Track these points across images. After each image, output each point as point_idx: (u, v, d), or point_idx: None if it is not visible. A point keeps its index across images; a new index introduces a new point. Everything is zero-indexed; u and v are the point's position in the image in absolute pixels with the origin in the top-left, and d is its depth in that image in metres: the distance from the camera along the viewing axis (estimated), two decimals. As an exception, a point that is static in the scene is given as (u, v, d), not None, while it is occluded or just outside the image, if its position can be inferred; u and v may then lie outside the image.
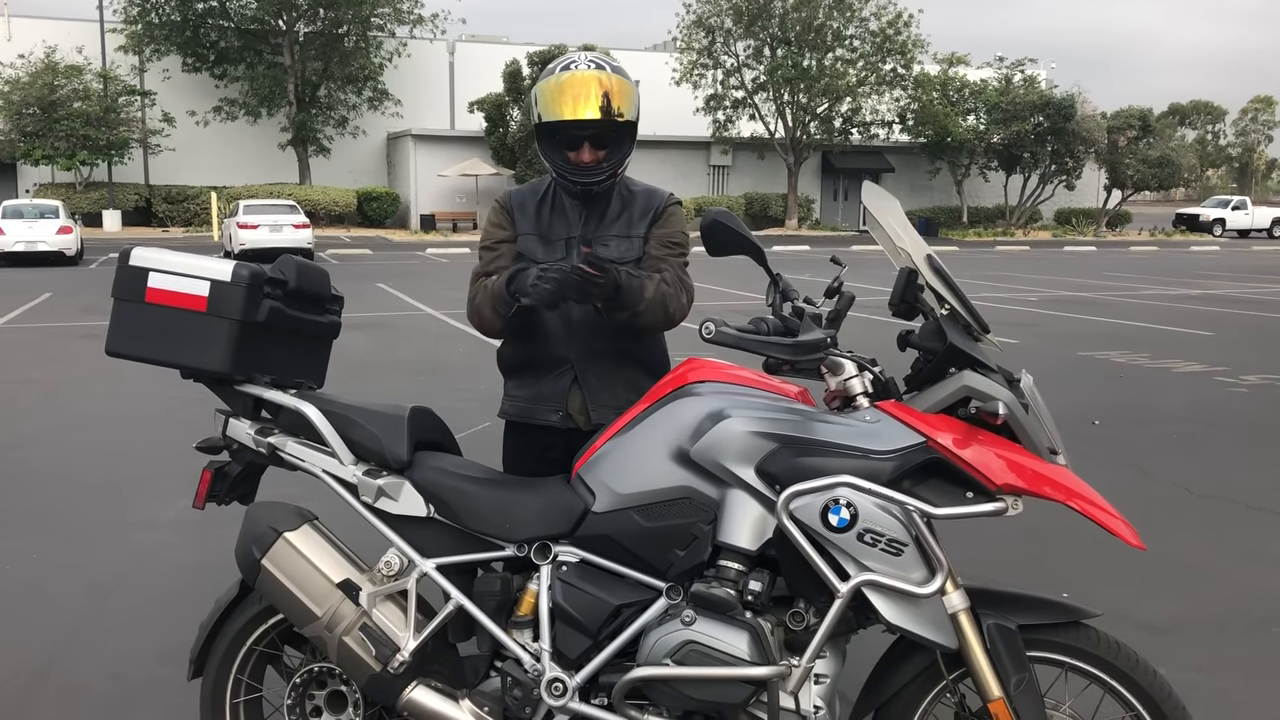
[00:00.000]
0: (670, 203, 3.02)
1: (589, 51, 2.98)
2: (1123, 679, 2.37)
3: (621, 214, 2.97)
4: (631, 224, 2.96)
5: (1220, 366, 10.71)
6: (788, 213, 42.71)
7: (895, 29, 40.71)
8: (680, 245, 2.98)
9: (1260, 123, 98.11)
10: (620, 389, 2.94)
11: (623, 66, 2.94)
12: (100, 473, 6.39)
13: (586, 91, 2.78)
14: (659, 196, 3.02)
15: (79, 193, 36.59)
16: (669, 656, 2.39)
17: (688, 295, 2.92)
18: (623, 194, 3.00)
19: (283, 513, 2.68)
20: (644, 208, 2.98)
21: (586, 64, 2.83)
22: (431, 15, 39.71)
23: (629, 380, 2.95)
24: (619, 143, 2.88)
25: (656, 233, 2.96)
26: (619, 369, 2.96)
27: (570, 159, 2.86)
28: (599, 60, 2.87)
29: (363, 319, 13.60)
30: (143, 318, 2.62)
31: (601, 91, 2.78)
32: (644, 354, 3.01)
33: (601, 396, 2.95)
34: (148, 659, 3.84)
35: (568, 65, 2.85)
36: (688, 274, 2.97)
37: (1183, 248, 38.75)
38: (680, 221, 3.01)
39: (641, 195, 3.01)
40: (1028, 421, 2.35)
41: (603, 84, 2.79)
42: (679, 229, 2.99)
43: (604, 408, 2.93)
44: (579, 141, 2.83)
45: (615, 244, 2.94)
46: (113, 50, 37.48)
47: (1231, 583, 4.75)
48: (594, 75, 2.80)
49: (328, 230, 36.39)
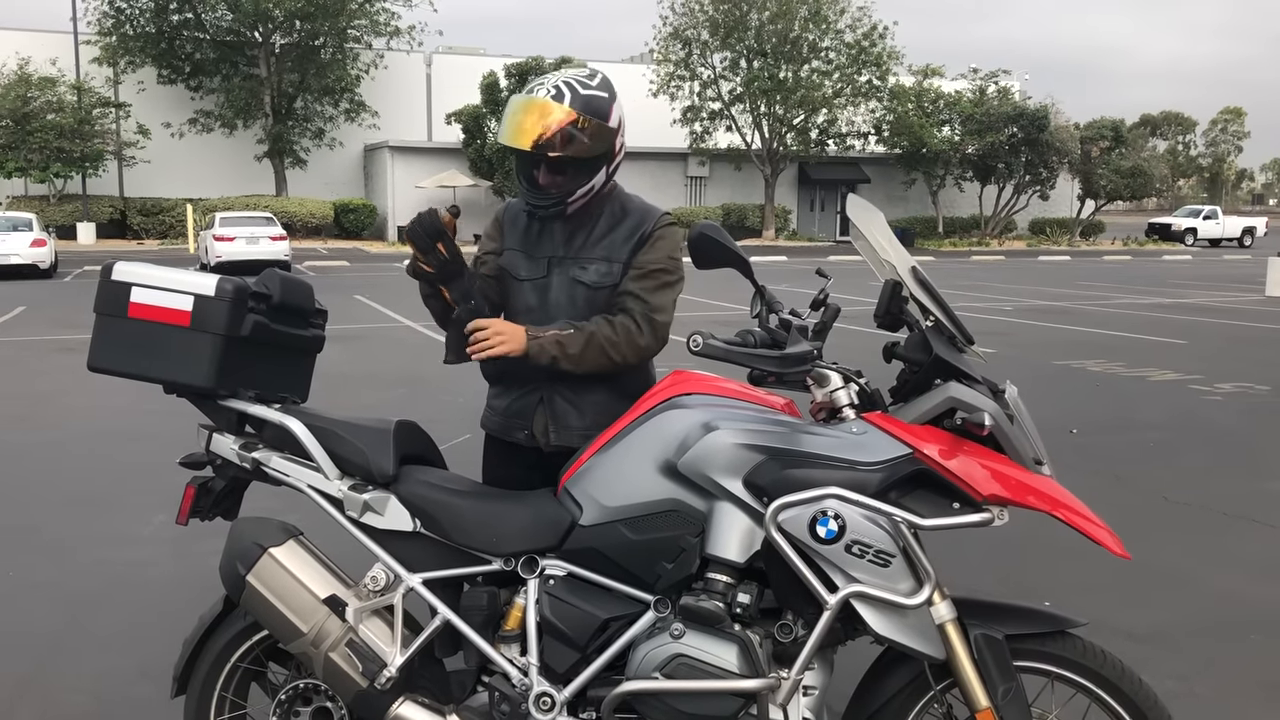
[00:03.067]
0: (659, 225, 2.88)
1: (578, 70, 2.82)
2: (1108, 687, 2.39)
3: (607, 235, 2.87)
4: (614, 247, 2.85)
5: (1195, 375, 10.81)
6: (765, 223, 42.84)
7: (870, 41, 40.97)
8: (661, 273, 2.83)
9: (1230, 133, 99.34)
10: (590, 412, 2.87)
11: (601, 93, 2.76)
12: (80, 488, 6.33)
13: (527, 121, 2.69)
14: (650, 219, 2.88)
15: (53, 205, 36.28)
16: (658, 670, 2.39)
17: (652, 334, 2.79)
18: (615, 212, 2.90)
19: (267, 528, 2.66)
20: (631, 230, 2.86)
21: (549, 90, 2.71)
22: (409, 27, 39.62)
23: (600, 404, 2.87)
24: (577, 172, 2.76)
25: (639, 258, 2.83)
26: (588, 392, 2.87)
27: (527, 180, 2.81)
28: (568, 86, 2.73)
29: (342, 331, 13.54)
30: (125, 332, 2.60)
31: (541, 124, 2.68)
32: (619, 378, 2.88)
33: (566, 419, 2.89)
34: (130, 676, 3.80)
35: (531, 89, 2.75)
36: (663, 308, 2.81)
37: (1155, 257, 39.11)
38: (668, 246, 2.87)
39: (634, 216, 2.89)
40: (1013, 432, 2.36)
41: (546, 116, 2.67)
42: (664, 254, 2.85)
43: (568, 430, 2.88)
44: (534, 164, 2.78)
45: (595, 267, 2.86)
46: (87, 62, 37.23)
47: (1210, 590, 4.79)
48: (542, 105, 2.69)
49: (305, 242, 36.22)
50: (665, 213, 2.93)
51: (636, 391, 2.88)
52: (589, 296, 2.85)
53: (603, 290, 2.84)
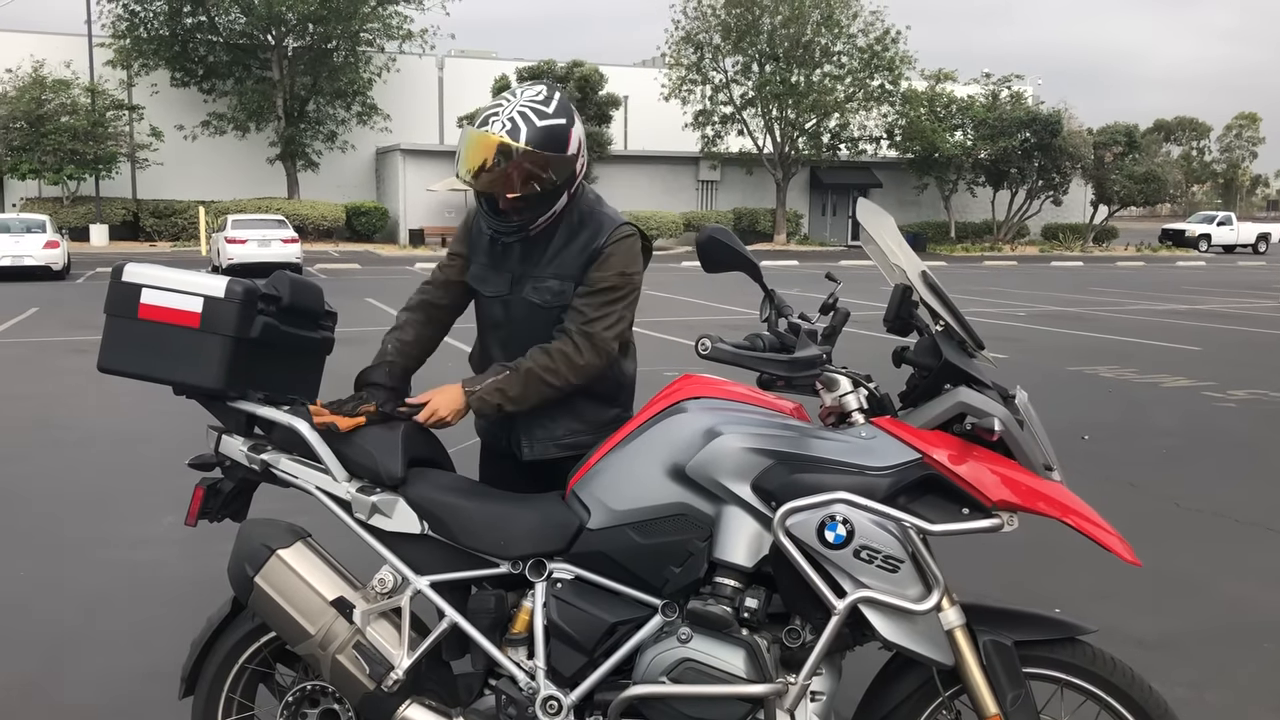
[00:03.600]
0: (611, 241, 2.77)
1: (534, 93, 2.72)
2: (1118, 695, 2.37)
3: (561, 251, 2.81)
4: (566, 264, 2.80)
5: (1208, 381, 10.75)
6: (776, 228, 42.83)
7: (883, 45, 40.95)
8: (608, 290, 2.76)
9: (1244, 139, 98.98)
10: (567, 420, 2.87)
11: (558, 120, 2.68)
12: (90, 489, 6.35)
13: (476, 156, 2.65)
14: (604, 233, 2.79)
15: (66, 207, 36.45)
16: (665, 674, 2.38)
17: (593, 350, 2.74)
18: (572, 224, 2.82)
19: (276, 530, 2.67)
20: (584, 245, 2.79)
21: (504, 123, 2.64)
22: (421, 31, 39.71)
23: (574, 411, 2.86)
24: (539, 201, 2.71)
25: (589, 275, 2.77)
26: (559, 402, 2.83)
27: (488, 203, 2.77)
28: (523, 117, 2.65)
29: (353, 334, 13.54)
30: (135, 334, 2.61)
31: (482, 160, 2.64)
32: (591, 383, 2.83)
33: (536, 431, 2.89)
34: (138, 677, 3.81)
35: (486, 119, 2.67)
36: (607, 325, 2.75)
37: (1169, 263, 38.96)
38: (620, 261, 2.77)
39: (589, 229, 2.80)
40: (1023, 438, 2.35)
41: (504, 154, 2.63)
42: (615, 270, 2.76)
43: (540, 442, 2.89)
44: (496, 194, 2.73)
45: (549, 286, 2.81)
46: (101, 64, 37.38)
47: (1222, 597, 4.76)
48: (498, 143, 2.62)
49: (316, 245, 36.31)
50: (622, 223, 2.83)
51: (605, 394, 2.90)
52: (545, 317, 2.84)
53: (555, 310, 2.82)
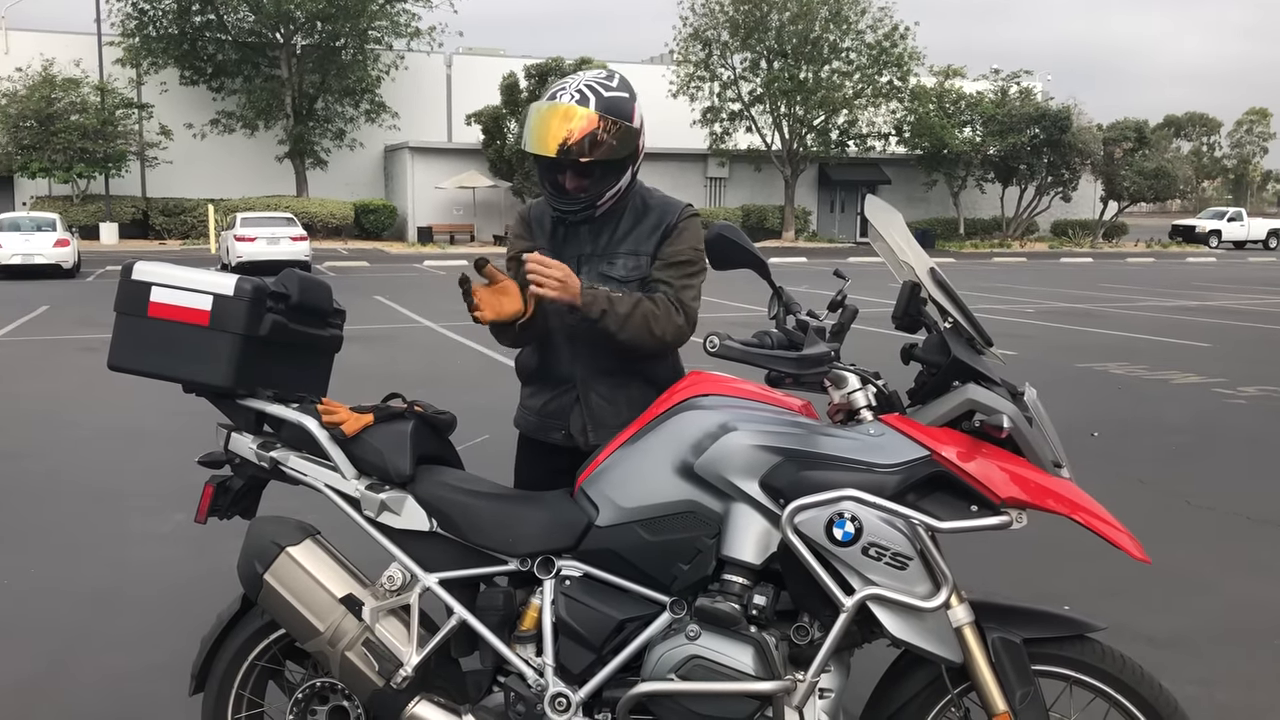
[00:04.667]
0: (684, 218, 2.90)
1: (596, 72, 2.82)
2: (1128, 692, 2.37)
3: (632, 230, 2.89)
4: (640, 241, 2.88)
5: (1218, 378, 10.72)
6: (785, 224, 42.78)
7: (891, 41, 40.85)
8: (687, 264, 2.86)
9: (1255, 135, 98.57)
10: (625, 408, 2.87)
11: (622, 93, 2.78)
12: (100, 486, 6.37)
13: (552, 127, 2.69)
14: (672, 211, 2.91)
15: (76, 205, 36.57)
16: (673, 671, 2.38)
17: (685, 317, 2.83)
18: (637, 207, 2.91)
19: (285, 527, 2.67)
20: (655, 223, 2.88)
21: (571, 95, 2.71)
22: (429, 28, 39.76)
23: (636, 399, 2.87)
24: (604, 175, 2.77)
25: (664, 250, 2.86)
26: (624, 387, 2.89)
27: (552, 186, 2.82)
28: (590, 89, 2.73)
29: (361, 332, 13.60)
30: (145, 332, 2.61)
31: (567, 129, 2.68)
32: (653, 372, 2.91)
33: (604, 417, 2.90)
34: (148, 674, 3.82)
35: (553, 94, 2.74)
36: (693, 295, 2.87)
37: (1179, 259, 38.83)
38: (692, 237, 2.89)
39: (656, 210, 2.91)
40: (1032, 434, 2.35)
41: (572, 121, 2.68)
42: (688, 245, 2.87)
43: (606, 429, 2.88)
44: (560, 170, 2.78)
45: (623, 262, 2.87)
46: (110, 63, 37.51)
47: (1232, 595, 4.75)
48: (566, 110, 2.69)
49: (325, 243, 36.38)
50: (687, 204, 2.96)
51: (665, 380, 2.88)
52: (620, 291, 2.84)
53: (631, 284, 2.85)
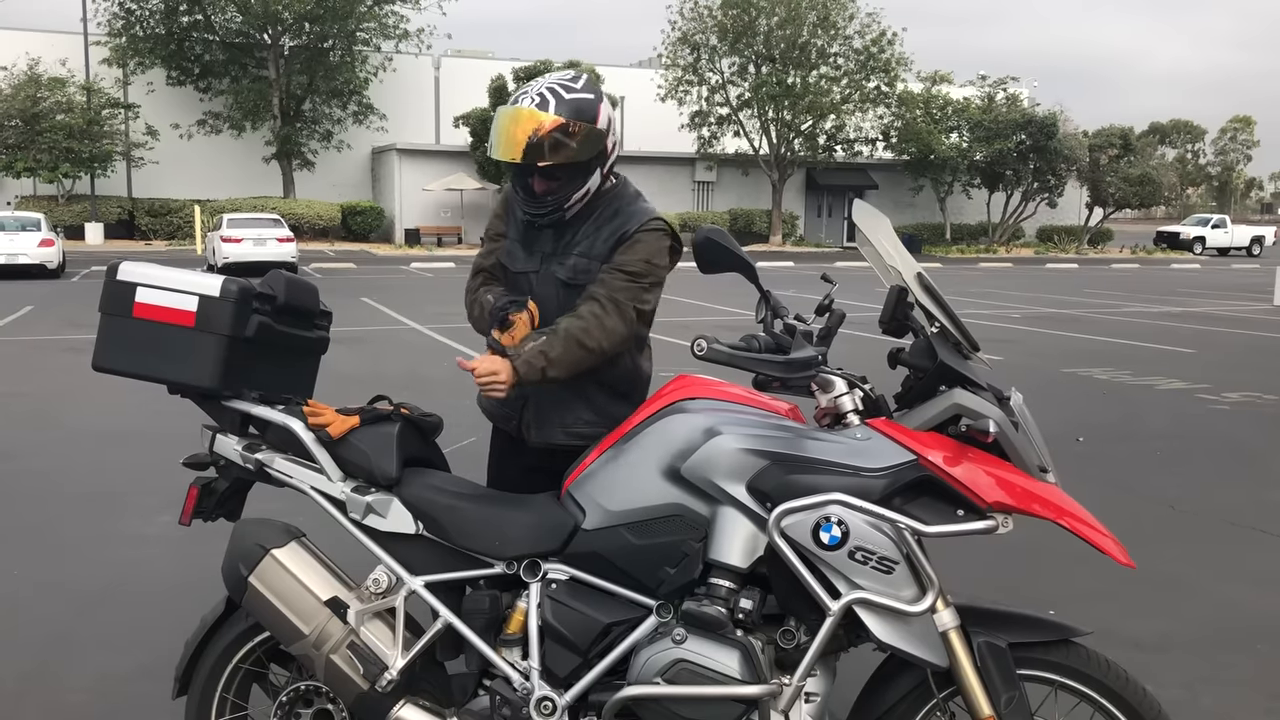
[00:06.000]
0: (642, 229, 2.82)
1: (562, 74, 2.81)
2: (1112, 697, 2.38)
3: (593, 235, 2.86)
4: (595, 244, 2.84)
5: (1202, 384, 10.77)
6: (772, 229, 42.85)
7: (879, 47, 40.99)
8: (635, 274, 2.78)
9: (1239, 142, 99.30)
10: (580, 408, 2.88)
11: (586, 95, 2.76)
12: (84, 487, 6.33)
13: (514, 132, 2.70)
14: (635, 220, 2.84)
15: (61, 205, 36.39)
16: (659, 675, 2.38)
17: (619, 316, 2.74)
18: (606, 214, 2.87)
19: (270, 529, 2.66)
20: (614, 229, 2.84)
21: (533, 98, 2.71)
22: (417, 30, 39.66)
23: (589, 400, 2.88)
24: (571, 178, 2.77)
25: (615, 257, 2.81)
26: (577, 389, 2.87)
27: (523, 189, 2.83)
28: (552, 92, 2.73)
29: (347, 333, 13.56)
30: (130, 332, 2.60)
31: (528, 133, 2.68)
32: (607, 375, 2.88)
33: (548, 414, 2.91)
34: (131, 676, 3.80)
35: (516, 98, 2.75)
36: (631, 299, 2.77)
37: (1163, 265, 39.03)
38: (648, 250, 2.81)
39: (621, 216, 2.86)
40: (1018, 439, 2.36)
41: (533, 125, 2.68)
42: (641, 257, 2.79)
43: (551, 426, 2.91)
44: (528, 173, 2.79)
45: (572, 263, 2.86)
46: (97, 63, 37.32)
47: (1216, 600, 4.77)
48: (528, 114, 2.69)
49: (312, 244, 36.26)
50: (655, 217, 2.86)
51: (621, 384, 2.89)
52: (568, 294, 2.86)
53: (576, 288, 2.84)
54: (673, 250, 2.90)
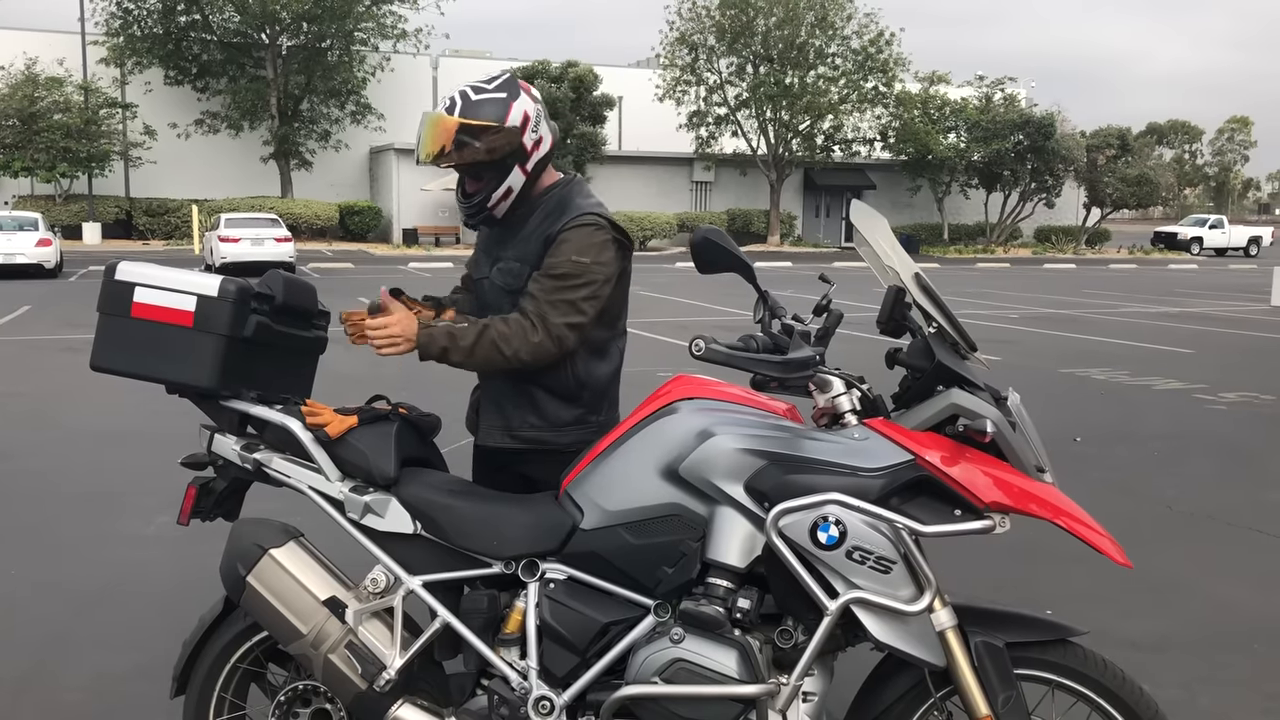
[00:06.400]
0: (568, 226, 2.76)
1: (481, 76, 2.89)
2: (1109, 697, 2.38)
3: (529, 235, 2.85)
4: (528, 247, 2.83)
5: (1200, 384, 10.78)
6: (770, 229, 42.86)
7: (877, 47, 41.03)
8: (563, 276, 2.72)
9: (1236, 143, 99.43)
10: (524, 411, 2.89)
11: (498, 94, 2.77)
12: (82, 487, 6.33)
13: (427, 136, 2.78)
14: (565, 218, 2.79)
15: (59, 205, 36.35)
16: (657, 675, 2.38)
17: (545, 333, 2.69)
18: (546, 211, 2.86)
19: (268, 529, 2.67)
20: (544, 230, 2.81)
21: (444, 103, 2.80)
22: (415, 30, 39.67)
23: (533, 404, 2.88)
24: (492, 177, 2.80)
25: (546, 260, 2.77)
26: (518, 392, 2.89)
27: (459, 191, 2.91)
28: (461, 94, 2.79)
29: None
30: (128, 332, 2.60)
31: (435, 137, 2.76)
32: (548, 380, 2.85)
33: (490, 417, 2.95)
34: (129, 675, 3.80)
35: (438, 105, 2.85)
36: (564, 311, 2.70)
37: (1161, 265, 39.06)
38: (573, 248, 2.73)
39: (554, 215, 2.83)
40: (1015, 439, 2.36)
41: (439, 128, 2.75)
42: (567, 255, 2.73)
43: (494, 430, 2.94)
44: (463, 175, 2.87)
45: (504, 267, 2.88)
46: (94, 62, 37.30)
47: (1214, 600, 4.78)
48: (435, 119, 2.76)
49: (309, 244, 36.26)
50: (587, 212, 2.80)
51: (564, 390, 2.88)
52: (507, 300, 2.87)
53: (513, 293, 2.84)
54: (617, 244, 2.82)
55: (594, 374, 2.91)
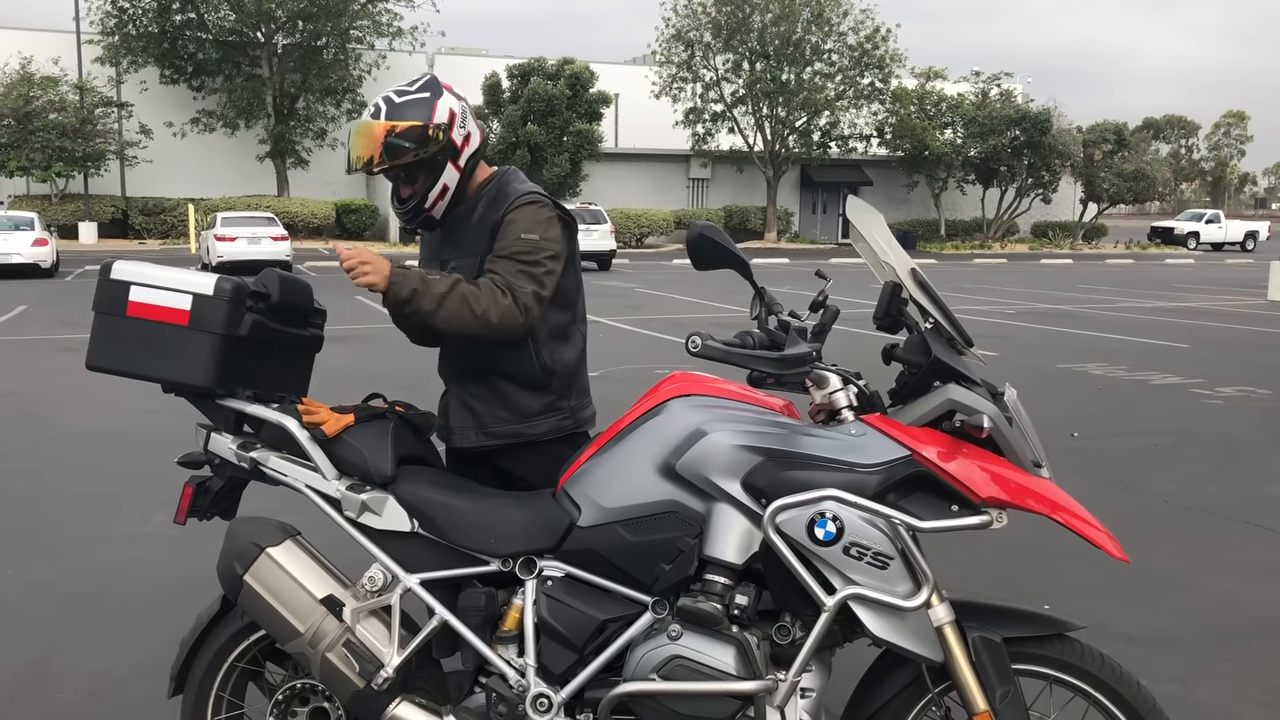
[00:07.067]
0: (510, 209, 2.81)
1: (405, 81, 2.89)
2: (1107, 691, 2.38)
3: (474, 229, 2.88)
4: (475, 240, 2.86)
5: (1197, 379, 10.80)
6: (767, 225, 42.87)
7: (873, 43, 41.01)
8: (518, 254, 2.75)
9: (1233, 137, 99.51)
10: (494, 407, 2.89)
11: (421, 95, 2.82)
12: (79, 487, 6.33)
13: (355, 144, 2.80)
14: (504, 203, 2.83)
15: (55, 204, 36.30)
16: (655, 671, 2.38)
17: (513, 299, 2.70)
18: (487, 202, 2.88)
19: (265, 528, 2.66)
20: (490, 219, 2.84)
21: (370, 110, 2.82)
22: (411, 28, 39.63)
23: (501, 397, 2.89)
24: (426, 177, 2.83)
25: (496, 245, 2.80)
26: (485, 388, 2.90)
27: (395, 197, 2.93)
28: (385, 100, 2.82)
29: (342, 332, 13.54)
30: (124, 332, 2.60)
31: (363, 144, 2.78)
32: (511, 368, 2.87)
33: (461, 419, 2.94)
34: (127, 675, 3.80)
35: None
36: (526, 281, 2.73)
37: (1157, 260, 39.09)
38: (522, 226, 2.77)
39: (495, 205, 2.86)
40: (1012, 435, 2.36)
41: (368, 134, 2.77)
42: (516, 235, 2.77)
43: (468, 430, 2.93)
44: (394, 184, 2.88)
45: (458, 262, 2.88)
46: (89, 61, 37.24)
47: (1211, 594, 4.78)
48: (362, 126, 2.79)
49: (306, 243, 36.22)
50: (523, 194, 2.84)
51: (530, 380, 2.88)
52: None
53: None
54: (562, 222, 2.85)
55: (560, 359, 2.94)
